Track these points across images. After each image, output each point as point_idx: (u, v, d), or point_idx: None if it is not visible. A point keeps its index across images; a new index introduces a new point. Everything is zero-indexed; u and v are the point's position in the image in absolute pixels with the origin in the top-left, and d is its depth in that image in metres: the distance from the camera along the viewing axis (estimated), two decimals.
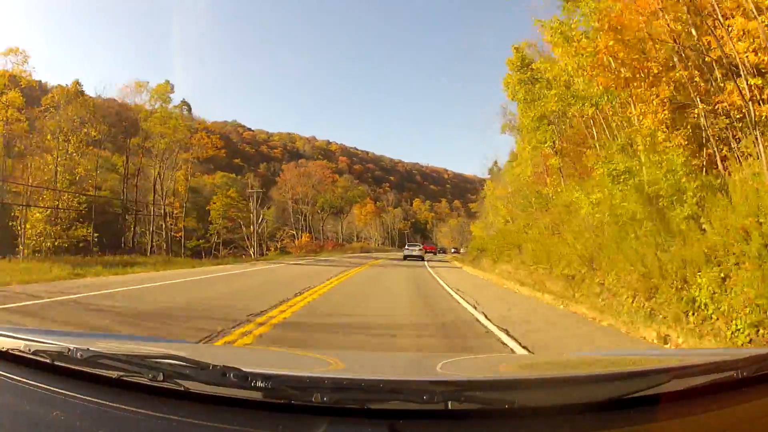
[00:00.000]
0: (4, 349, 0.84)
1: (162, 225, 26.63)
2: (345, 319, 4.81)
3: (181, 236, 28.68)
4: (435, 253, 45.84)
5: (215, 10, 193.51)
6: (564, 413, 0.69)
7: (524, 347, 3.47)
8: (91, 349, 0.76)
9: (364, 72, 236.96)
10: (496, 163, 44.03)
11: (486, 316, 4.95)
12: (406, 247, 27.69)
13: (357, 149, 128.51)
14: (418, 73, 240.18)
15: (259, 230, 32.36)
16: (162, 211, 26.73)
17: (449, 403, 0.66)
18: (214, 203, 34.22)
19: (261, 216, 32.64)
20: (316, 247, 36.09)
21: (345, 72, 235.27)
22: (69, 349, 0.76)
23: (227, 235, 32.88)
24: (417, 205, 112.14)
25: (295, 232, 41.10)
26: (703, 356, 1.16)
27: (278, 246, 34.92)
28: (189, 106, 27.75)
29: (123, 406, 0.68)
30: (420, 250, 26.37)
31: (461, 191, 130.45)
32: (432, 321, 4.89)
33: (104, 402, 0.69)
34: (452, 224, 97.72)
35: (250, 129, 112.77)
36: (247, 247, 30.29)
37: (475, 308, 5.67)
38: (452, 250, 64.19)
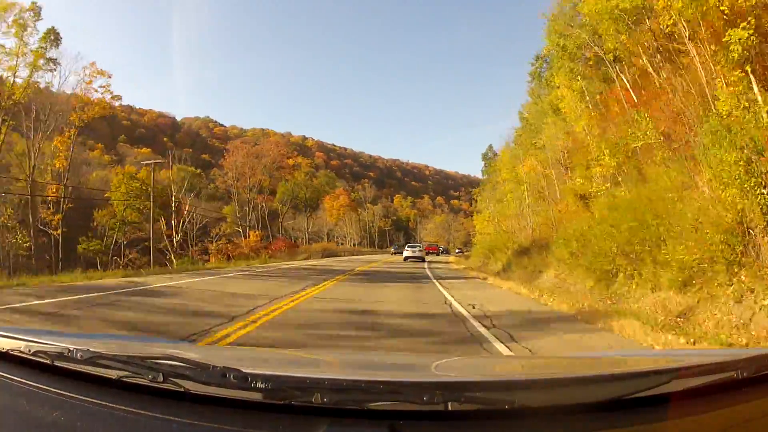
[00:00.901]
0: (4, 350, 1.12)
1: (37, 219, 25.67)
2: None
3: (60, 235, 27.65)
4: (438, 254, 53.80)
5: (193, 11, 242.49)
6: (564, 413, 0.96)
7: None
8: (91, 349, 1.04)
9: (343, 71, 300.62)
10: (491, 147, 51.61)
11: None
12: (407, 247, 36.14)
13: (335, 146, 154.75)
14: (399, 72, 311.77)
15: (182, 227, 31.92)
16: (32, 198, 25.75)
17: (449, 404, 0.92)
18: (118, 188, 32.88)
19: (185, 207, 32.12)
20: (251, 251, 34.80)
21: (324, 71, 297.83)
22: (69, 350, 1.04)
23: (138, 234, 32.08)
24: (398, 202, 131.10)
25: (241, 230, 41.34)
26: (703, 356, 1.51)
27: (222, 248, 34.12)
28: (57, 36, 25.54)
29: (123, 407, 0.95)
30: (421, 251, 34.84)
31: (444, 188, 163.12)
32: None
33: (104, 402, 0.96)
34: (438, 221, 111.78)
35: (222, 125, 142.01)
36: (167, 249, 29.80)
37: None
38: (457, 251, 69.53)
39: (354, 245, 71.96)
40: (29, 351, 1.10)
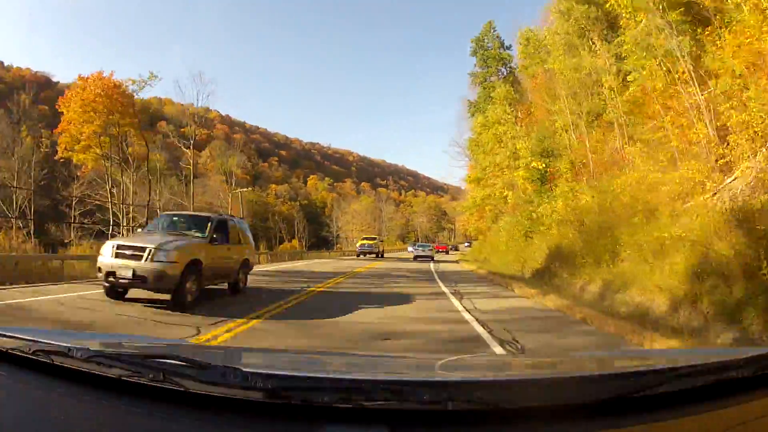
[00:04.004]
0: (4, 349, 1.13)
1: None
2: None
3: None
4: (447, 252, 56.18)
5: None
6: (564, 413, 0.97)
7: None
8: (91, 349, 1.05)
9: (262, 51, 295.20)
10: (489, 25, 29.18)
11: None
12: (417, 247, 39.43)
13: (246, 123, 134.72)
14: (325, 60, 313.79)
15: None
16: None
17: (449, 404, 0.93)
18: None
19: None
20: None
21: (243, 49, 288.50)
22: (69, 349, 1.05)
23: None
24: (313, 184, 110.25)
25: None
26: (704, 356, 1.52)
27: None
28: None
29: (123, 406, 0.96)
30: (431, 250, 37.34)
31: (369, 175, 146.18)
32: None
33: (104, 402, 0.97)
34: (365, 203, 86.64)
35: None
36: None
37: None
38: (465, 245, 68.56)
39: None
40: (29, 350, 1.11)
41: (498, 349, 5.75)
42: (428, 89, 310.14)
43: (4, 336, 1.18)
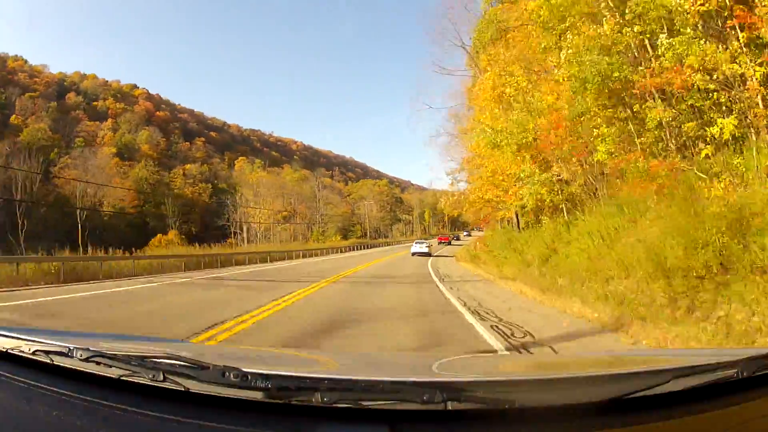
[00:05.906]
0: (4, 349, 1.13)
1: None
2: None
3: None
4: (449, 243, 56.63)
5: None
6: (564, 413, 0.96)
7: None
8: (91, 349, 1.05)
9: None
10: None
11: None
12: (415, 243, 41.34)
13: (180, 105, 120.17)
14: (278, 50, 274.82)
15: None
16: None
17: (449, 404, 0.92)
18: None
19: None
20: None
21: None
22: (69, 349, 1.05)
23: None
24: (240, 167, 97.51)
25: None
26: (703, 356, 1.52)
27: None
28: None
29: (123, 406, 0.96)
30: (428, 246, 39.04)
31: (313, 165, 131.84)
32: None
33: (104, 402, 0.97)
34: (291, 181, 72.30)
35: (23, 59, 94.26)
36: None
37: None
38: (465, 234, 67.22)
39: None
40: (29, 350, 1.11)
41: None
42: (386, 87, 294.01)
43: (4, 336, 1.18)
